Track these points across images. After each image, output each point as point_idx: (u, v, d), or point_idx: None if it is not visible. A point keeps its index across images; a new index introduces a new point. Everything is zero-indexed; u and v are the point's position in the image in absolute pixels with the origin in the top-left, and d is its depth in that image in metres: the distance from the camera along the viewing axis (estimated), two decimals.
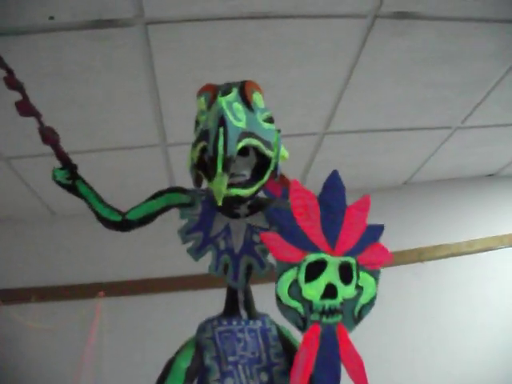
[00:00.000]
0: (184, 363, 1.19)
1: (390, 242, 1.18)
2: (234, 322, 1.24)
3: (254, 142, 1.11)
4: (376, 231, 1.15)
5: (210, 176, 1.06)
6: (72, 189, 1.35)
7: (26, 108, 1.28)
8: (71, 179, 1.34)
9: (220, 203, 1.07)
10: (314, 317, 1.10)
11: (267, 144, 1.15)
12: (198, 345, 1.23)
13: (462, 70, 2.31)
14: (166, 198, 1.30)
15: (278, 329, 1.27)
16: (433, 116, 2.69)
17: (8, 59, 1.30)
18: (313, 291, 1.09)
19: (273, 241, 1.10)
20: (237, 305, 1.26)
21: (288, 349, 1.23)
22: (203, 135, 1.11)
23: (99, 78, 2.09)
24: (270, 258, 1.18)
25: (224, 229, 1.26)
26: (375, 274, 1.14)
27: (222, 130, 1.03)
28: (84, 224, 3.10)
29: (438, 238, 3.36)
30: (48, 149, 1.34)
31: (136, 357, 2.96)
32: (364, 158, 3.06)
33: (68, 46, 1.92)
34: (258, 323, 1.25)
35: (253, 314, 1.27)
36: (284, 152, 1.22)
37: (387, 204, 3.32)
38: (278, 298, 1.10)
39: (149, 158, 2.76)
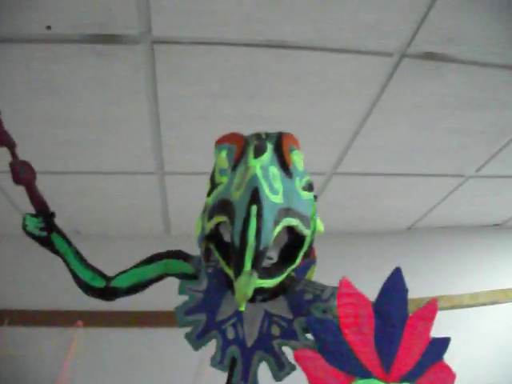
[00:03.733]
0: None
1: None
2: None
3: (294, 221, 0.87)
4: (441, 346, 0.91)
5: (234, 271, 0.82)
6: (46, 242, 1.14)
7: None
8: (46, 230, 1.14)
9: (243, 308, 0.84)
10: None
11: (306, 220, 0.91)
12: None
13: (484, 118, 2.18)
14: (165, 265, 1.07)
15: None
16: (446, 163, 2.56)
17: None
18: None
19: (309, 361, 0.83)
20: None
21: None
22: (224, 207, 0.86)
23: (97, 96, 1.92)
24: (291, 356, 0.93)
25: (234, 313, 0.99)
26: None
27: (254, 209, 0.78)
28: None
29: (440, 289, 3.15)
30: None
31: None
32: (370, 201, 2.92)
33: (65, 60, 1.75)
34: None
35: None
36: (320, 225, 0.99)
37: (388, 249, 3.19)
38: None
39: (144, 185, 2.58)
